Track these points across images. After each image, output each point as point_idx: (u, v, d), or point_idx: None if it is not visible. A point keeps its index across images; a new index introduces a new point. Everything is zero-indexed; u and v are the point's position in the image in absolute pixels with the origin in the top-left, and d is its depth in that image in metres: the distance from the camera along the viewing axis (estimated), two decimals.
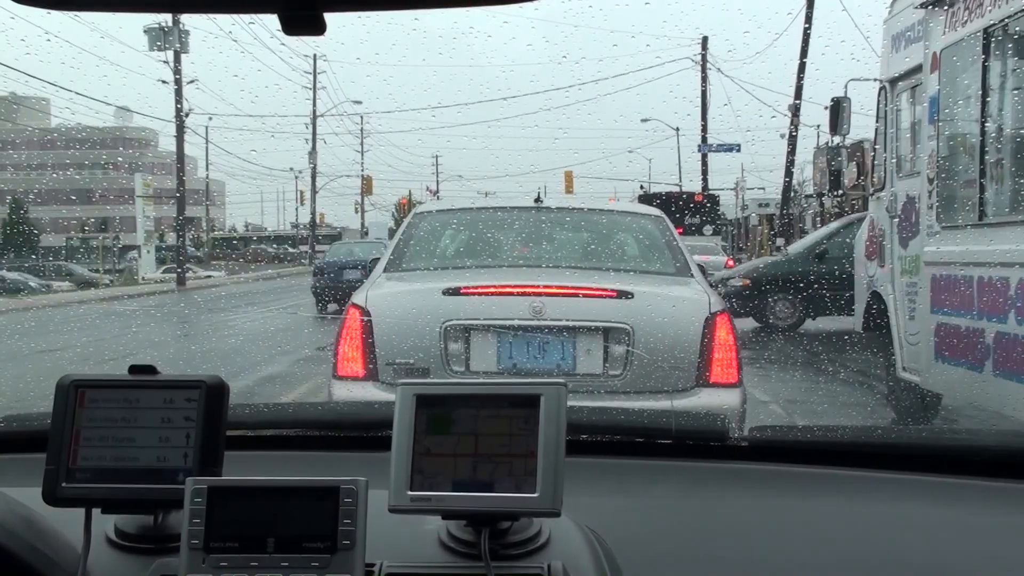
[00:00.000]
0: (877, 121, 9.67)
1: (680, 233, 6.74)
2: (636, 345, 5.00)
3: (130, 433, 1.44)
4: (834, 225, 21.15)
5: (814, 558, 1.56)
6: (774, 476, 1.89)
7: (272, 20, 1.03)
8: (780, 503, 1.78)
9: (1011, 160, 6.99)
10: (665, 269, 5.94)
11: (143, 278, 44.72)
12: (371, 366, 5.10)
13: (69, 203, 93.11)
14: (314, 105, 64.22)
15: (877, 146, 9.77)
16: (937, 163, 7.85)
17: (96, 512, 1.42)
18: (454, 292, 5.21)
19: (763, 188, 60.84)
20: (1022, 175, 6.88)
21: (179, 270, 40.37)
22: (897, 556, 1.57)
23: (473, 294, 5.24)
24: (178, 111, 40.91)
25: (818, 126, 46.90)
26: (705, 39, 43.02)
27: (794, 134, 33.03)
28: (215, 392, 1.46)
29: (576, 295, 5.23)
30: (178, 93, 40.49)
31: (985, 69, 7.03)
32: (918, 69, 8.29)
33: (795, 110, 32.09)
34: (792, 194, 37.81)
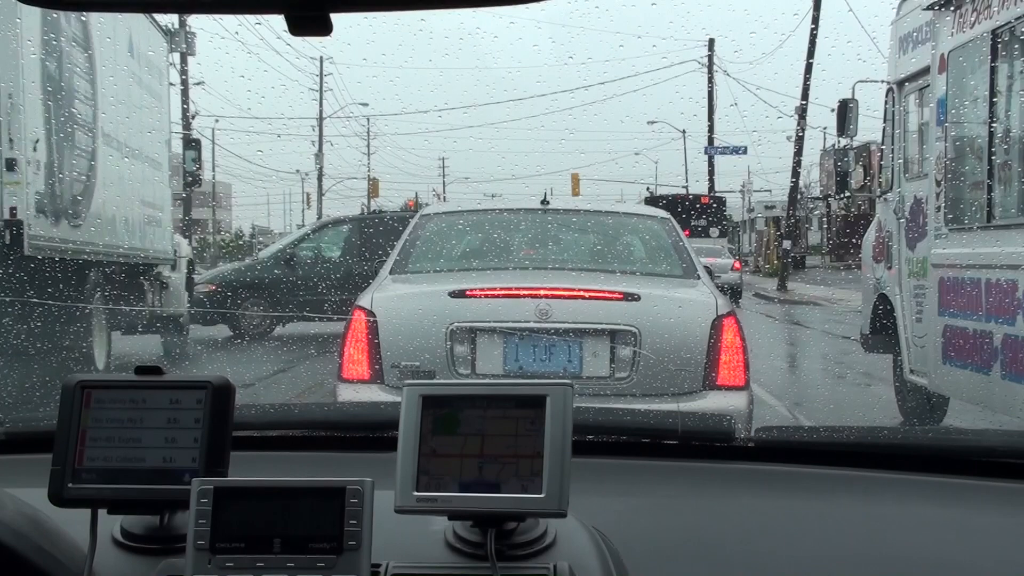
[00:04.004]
0: (884, 123, 9.65)
1: (687, 235, 6.72)
2: (643, 347, 4.99)
3: (136, 434, 1.44)
4: (304, 229, 20.94)
5: (821, 558, 1.56)
6: (780, 477, 1.89)
7: (279, 21, 1.02)
8: (786, 503, 1.78)
9: (1019, 162, 6.97)
10: (672, 271, 5.93)
11: None
12: (376, 368, 5.09)
13: None
14: (320, 107, 64.23)
15: (884, 148, 9.75)
16: (945, 165, 7.83)
17: (102, 513, 1.42)
18: (460, 294, 5.20)
19: (769, 190, 60.74)
20: None
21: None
22: (903, 556, 1.57)
23: (479, 296, 5.23)
24: (184, 113, 40.99)
25: (825, 128, 46.80)
26: (711, 41, 43.09)
27: (801, 136, 33.04)
28: (221, 393, 1.45)
29: (583, 297, 5.22)
30: (184, 95, 40.57)
31: (993, 71, 7.01)
32: (926, 71, 8.27)
33: (802, 112, 32.14)
34: (799, 196, 37.76)
